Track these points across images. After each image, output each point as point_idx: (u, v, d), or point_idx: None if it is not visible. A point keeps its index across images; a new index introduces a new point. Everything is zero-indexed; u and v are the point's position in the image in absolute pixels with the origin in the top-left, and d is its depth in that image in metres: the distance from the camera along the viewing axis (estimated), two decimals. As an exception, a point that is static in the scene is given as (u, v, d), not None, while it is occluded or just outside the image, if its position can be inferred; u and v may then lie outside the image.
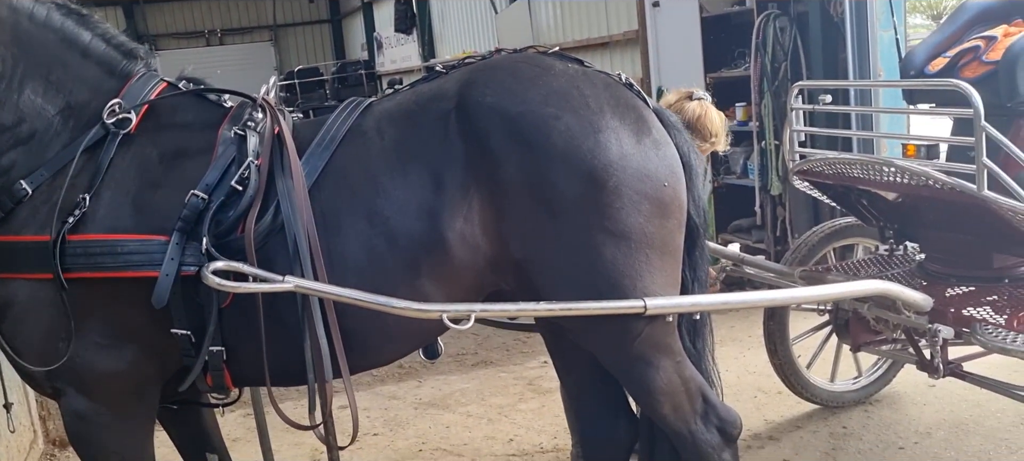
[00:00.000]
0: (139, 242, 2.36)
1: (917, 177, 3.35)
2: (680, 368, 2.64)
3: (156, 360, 2.50)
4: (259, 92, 2.64)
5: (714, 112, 3.64)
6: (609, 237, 2.43)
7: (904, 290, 3.29)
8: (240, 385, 2.65)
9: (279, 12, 24.03)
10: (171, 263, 2.33)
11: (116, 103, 2.48)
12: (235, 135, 2.48)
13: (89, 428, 2.53)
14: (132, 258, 2.35)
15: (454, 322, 2.39)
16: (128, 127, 2.47)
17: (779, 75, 5.96)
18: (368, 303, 2.35)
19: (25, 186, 2.42)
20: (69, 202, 2.37)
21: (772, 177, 6.14)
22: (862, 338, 3.82)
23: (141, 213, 2.40)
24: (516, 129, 2.41)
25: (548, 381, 5.10)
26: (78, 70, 2.53)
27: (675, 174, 2.55)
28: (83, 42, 2.55)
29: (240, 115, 2.54)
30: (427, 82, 2.67)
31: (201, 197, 2.37)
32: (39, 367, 2.48)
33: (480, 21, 14.01)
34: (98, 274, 2.36)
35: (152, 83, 2.58)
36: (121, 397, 2.52)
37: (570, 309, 2.45)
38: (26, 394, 4.54)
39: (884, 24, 5.45)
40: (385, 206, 2.42)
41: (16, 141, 2.46)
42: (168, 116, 2.55)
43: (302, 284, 2.33)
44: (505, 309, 2.51)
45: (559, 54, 2.68)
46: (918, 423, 4.20)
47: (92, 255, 2.35)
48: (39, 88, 2.48)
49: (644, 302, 2.45)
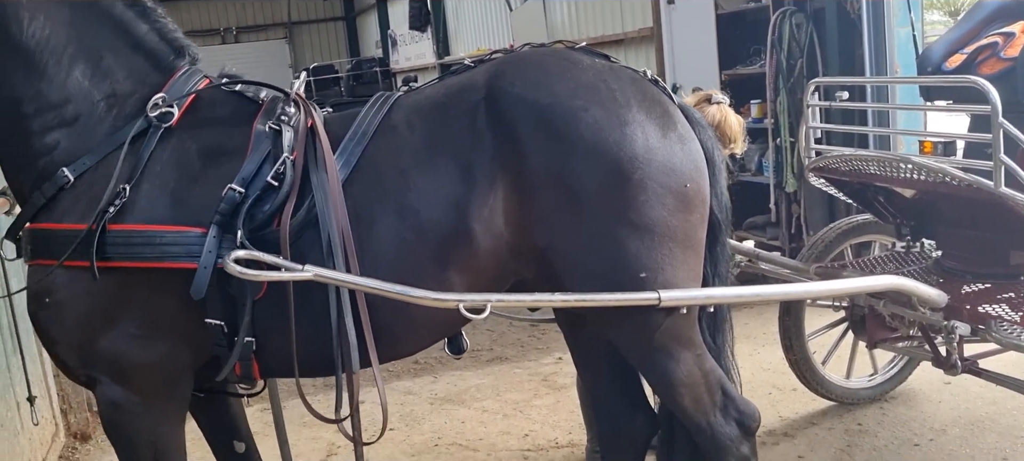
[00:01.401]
0: (177, 234, 2.40)
1: (934, 174, 3.34)
2: (700, 361, 2.67)
3: (189, 349, 2.54)
4: (291, 88, 2.69)
5: (733, 116, 3.66)
6: (632, 229, 2.46)
7: (918, 285, 3.29)
8: (267, 376, 2.69)
9: (294, 10, 24.08)
10: (209, 255, 2.37)
11: (160, 97, 2.53)
12: (270, 130, 2.52)
13: (123, 416, 2.57)
14: (170, 249, 2.40)
15: (472, 312, 2.41)
16: (170, 120, 2.52)
17: (795, 72, 5.95)
18: (386, 292, 2.38)
19: (68, 174, 2.46)
20: (110, 192, 2.42)
21: (787, 174, 6.13)
22: (878, 335, 3.82)
23: (179, 205, 2.44)
24: (544, 120, 2.44)
25: (563, 377, 5.11)
26: (127, 60, 2.58)
27: (699, 169, 2.58)
28: (137, 33, 2.60)
29: (273, 109, 2.58)
30: (455, 75, 2.70)
31: (238, 191, 2.41)
32: (74, 356, 2.53)
33: (495, 18, 14.02)
34: (137, 264, 2.40)
35: (195, 79, 2.64)
36: (155, 386, 2.56)
37: (584, 300, 2.48)
38: (48, 388, 4.60)
39: (901, 20, 5.44)
40: (415, 199, 2.45)
41: (61, 121, 2.51)
42: (207, 111, 2.60)
43: (321, 273, 2.36)
44: (520, 299, 2.53)
45: (586, 49, 2.72)
46: (933, 420, 4.20)
47: (132, 245, 2.40)
48: (87, 71, 2.54)
49: (658, 294, 2.47)
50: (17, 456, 4.01)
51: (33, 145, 2.52)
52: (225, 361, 2.51)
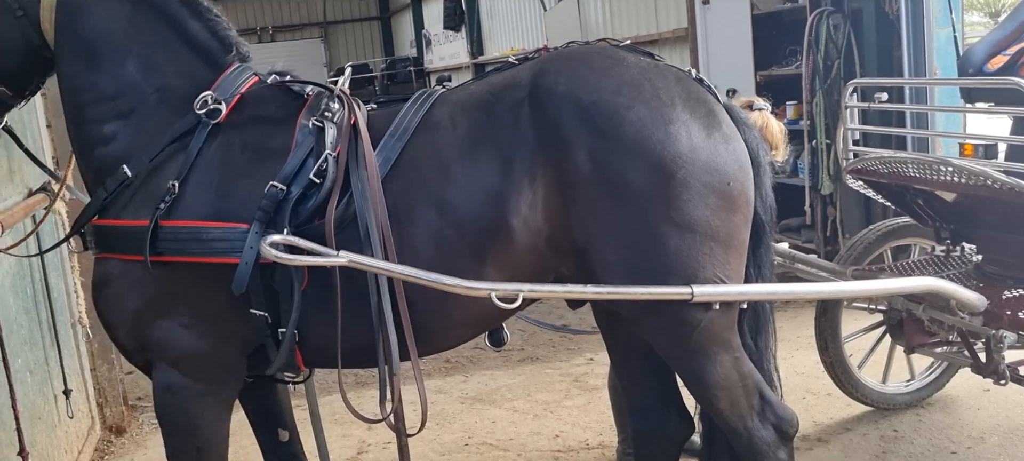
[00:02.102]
0: (222, 230, 2.48)
1: (975, 177, 3.29)
2: (738, 363, 2.64)
3: (237, 338, 2.61)
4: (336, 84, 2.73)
5: (774, 123, 3.63)
6: (674, 228, 2.45)
7: (957, 288, 3.23)
8: (310, 366, 2.77)
9: (329, 9, 24.30)
10: (250, 251, 2.43)
11: (208, 94, 2.59)
12: (313, 126, 2.56)
13: (176, 399, 2.65)
14: (216, 245, 2.47)
15: (504, 301, 2.42)
16: (218, 117, 2.58)
17: (831, 73, 5.89)
18: (420, 280, 2.41)
19: (127, 171, 2.57)
20: (161, 189, 2.52)
21: (823, 176, 6.06)
22: (916, 340, 3.76)
23: (225, 201, 2.52)
24: (588, 117, 2.44)
25: (594, 378, 5.09)
26: (179, 55, 2.67)
27: (743, 169, 2.56)
28: (190, 30, 2.68)
29: (317, 106, 2.62)
30: (499, 72, 2.72)
31: (280, 187, 2.46)
32: (131, 340, 2.65)
33: (529, 18, 14.03)
34: (185, 258, 2.50)
35: (244, 76, 2.70)
36: (208, 372, 2.64)
37: (616, 292, 2.47)
38: (85, 382, 4.67)
39: (941, 21, 5.36)
40: (455, 195, 2.48)
41: (117, 113, 2.63)
42: (253, 108, 2.66)
43: (354, 258, 2.39)
44: (553, 290, 2.53)
45: (630, 47, 2.71)
46: (971, 428, 4.13)
47: (180, 240, 2.49)
48: (140, 65, 2.64)
49: (691, 289, 2.45)
50: (54, 448, 4.07)
51: (91, 133, 2.65)
52: (270, 351, 2.59)
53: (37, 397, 3.95)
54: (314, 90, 2.70)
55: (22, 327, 3.90)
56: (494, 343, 2.79)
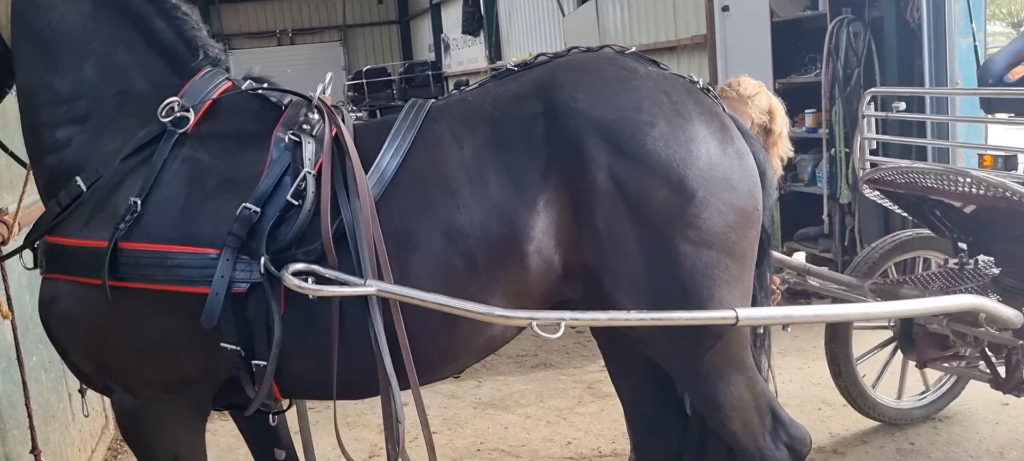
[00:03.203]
0: (190, 255, 2.26)
1: (994, 188, 3.26)
2: (751, 384, 2.60)
3: (204, 368, 2.41)
4: (316, 92, 2.53)
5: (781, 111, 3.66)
6: (692, 246, 2.39)
7: (997, 305, 3.20)
8: (290, 397, 2.58)
9: (349, 13, 24.40)
10: (221, 281, 2.23)
11: (174, 100, 2.38)
12: (289, 141, 2.36)
13: (139, 425, 2.50)
14: (182, 272, 2.26)
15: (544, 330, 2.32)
16: (185, 126, 2.37)
17: (851, 81, 5.85)
18: (456, 309, 2.26)
19: (81, 184, 2.35)
20: (121, 206, 2.30)
21: (841, 185, 6.02)
22: (929, 354, 3.73)
23: (192, 223, 2.30)
24: (610, 135, 2.35)
25: (608, 385, 5.04)
26: (142, 57, 2.46)
27: (756, 184, 2.52)
28: (153, 29, 2.47)
29: (294, 118, 2.42)
30: (498, 81, 2.59)
31: (253, 210, 2.26)
32: (87, 364, 2.45)
33: (547, 23, 14.02)
34: (148, 285, 2.27)
35: (215, 81, 2.48)
36: (170, 399, 2.46)
37: (660, 318, 2.38)
38: (99, 380, 4.69)
39: (963, 30, 5.31)
40: (465, 222, 2.32)
41: (72, 117, 2.41)
42: (226, 118, 2.45)
43: (385, 288, 2.24)
44: (595, 318, 2.42)
45: (635, 55, 2.61)
46: (990, 442, 4.07)
47: (143, 266, 2.26)
48: (99, 66, 2.43)
49: (736, 313, 2.40)
50: (68, 446, 4.09)
51: (44, 138, 2.44)
52: (245, 385, 2.39)
53: (51, 395, 3.97)
54: (292, 99, 2.49)
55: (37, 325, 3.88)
56: None
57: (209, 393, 2.51)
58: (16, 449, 3.49)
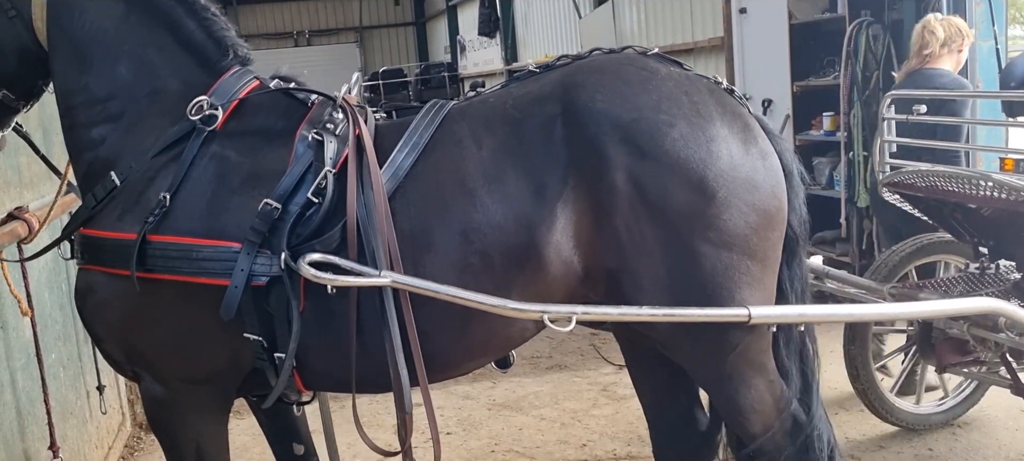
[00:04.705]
0: (213, 248, 2.34)
1: (1015, 192, 3.23)
2: (772, 387, 2.58)
3: (228, 359, 2.48)
4: (341, 91, 2.59)
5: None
6: (712, 247, 2.37)
7: (1017, 310, 3.16)
8: (312, 389, 2.63)
9: (365, 14, 24.45)
10: (241, 274, 2.30)
11: (203, 99, 2.45)
12: (313, 139, 2.41)
13: (165, 413, 2.57)
14: (206, 265, 2.33)
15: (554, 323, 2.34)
16: (214, 124, 2.43)
17: (870, 84, 5.81)
18: (468, 301, 2.28)
19: (115, 179, 2.43)
20: (151, 200, 2.38)
21: (859, 189, 5.97)
22: (948, 359, 3.70)
23: (218, 217, 2.37)
24: (629, 136, 2.35)
25: (623, 388, 5.06)
26: (173, 57, 2.52)
27: (780, 185, 2.50)
28: (184, 30, 2.53)
29: (319, 117, 2.48)
30: (519, 83, 2.59)
31: (274, 206, 2.32)
32: (119, 352, 2.54)
33: (563, 25, 14.01)
34: (174, 277, 2.36)
35: (244, 80, 2.55)
36: (196, 388, 2.53)
37: (673, 314, 2.38)
38: (117, 378, 4.71)
39: (984, 34, 5.26)
40: (483, 221, 2.33)
41: (106, 116, 2.49)
42: (252, 116, 2.51)
43: (399, 279, 2.28)
44: (607, 312, 2.42)
45: (658, 56, 2.60)
46: (1009, 449, 4.03)
47: (169, 258, 2.34)
48: (132, 66, 2.50)
49: (749, 311, 2.39)
50: (86, 443, 4.11)
51: (81, 137, 2.53)
52: (268, 375, 2.45)
53: (69, 392, 4.00)
54: (318, 98, 2.54)
55: (57, 323, 3.95)
56: (501, 366, 2.71)
57: (233, 384, 2.57)
58: (34, 445, 3.52)
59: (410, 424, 2.46)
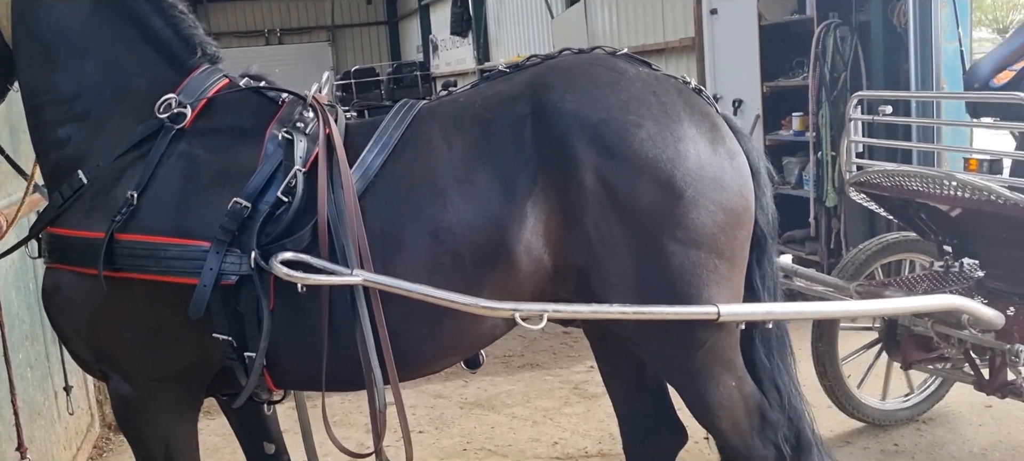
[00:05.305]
0: (181, 247, 2.33)
1: (979, 192, 3.29)
2: (741, 383, 2.61)
3: (197, 358, 2.47)
4: (311, 90, 2.58)
5: None
6: (680, 245, 2.40)
7: (979, 307, 3.22)
8: (283, 388, 2.62)
9: (337, 13, 24.33)
10: (210, 273, 2.29)
11: (172, 97, 2.44)
12: (283, 138, 2.41)
13: (133, 413, 2.56)
14: (174, 264, 2.33)
15: (526, 321, 2.35)
16: (182, 122, 2.43)
17: (838, 85, 5.89)
18: (439, 300, 2.29)
19: (82, 177, 2.42)
20: (119, 198, 2.36)
21: (828, 188, 6.06)
22: (913, 356, 3.75)
23: (186, 216, 2.36)
24: (597, 136, 2.36)
25: (594, 386, 5.08)
26: (140, 55, 2.51)
27: (747, 184, 2.53)
28: (151, 28, 2.52)
29: (289, 116, 2.47)
30: (489, 82, 2.61)
31: (243, 205, 2.31)
32: (86, 351, 2.52)
33: (536, 25, 14.04)
34: (141, 275, 2.34)
35: (213, 78, 2.54)
36: (165, 387, 2.52)
37: (643, 313, 2.40)
38: (85, 379, 4.67)
39: (949, 35, 5.35)
40: (452, 221, 2.34)
41: (73, 115, 2.47)
42: (222, 114, 2.50)
43: (371, 278, 2.29)
44: (577, 310, 2.45)
45: (627, 56, 2.62)
46: (973, 443, 4.11)
47: (137, 257, 2.33)
48: (99, 64, 2.49)
49: (718, 308, 2.41)
50: (53, 444, 4.07)
51: (47, 136, 2.51)
52: (238, 374, 2.44)
53: (37, 393, 3.95)
54: (288, 97, 2.54)
55: (24, 322, 3.90)
56: (470, 366, 2.71)
57: (203, 383, 2.56)
58: (2, 446, 3.48)
59: (383, 422, 2.45)
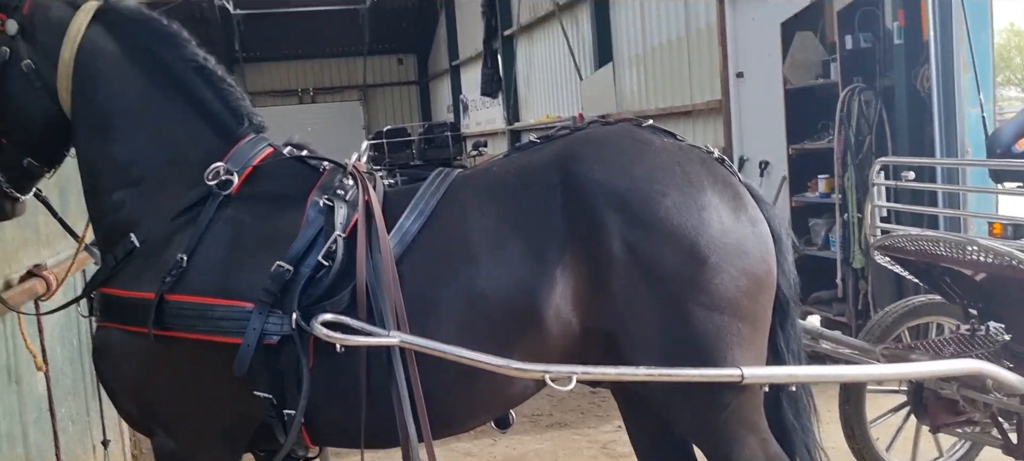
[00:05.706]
0: (227, 308, 2.44)
1: (1002, 257, 3.31)
2: (765, 445, 2.64)
3: (239, 416, 2.57)
4: (351, 157, 2.71)
5: None
6: (704, 310, 2.47)
7: (1002, 371, 3.23)
8: (319, 444, 2.70)
9: (369, 73, 24.76)
10: (253, 333, 2.40)
11: (220, 165, 2.57)
12: (324, 205, 2.53)
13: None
14: (220, 324, 2.44)
15: (555, 382, 2.42)
16: (229, 189, 2.56)
17: (863, 148, 5.93)
18: (473, 361, 2.37)
19: (134, 240, 2.56)
20: (169, 261, 2.49)
21: (854, 250, 6.07)
22: (941, 419, 3.75)
23: (233, 278, 2.47)
24: (624, 204, 2.46)
25: (622, 445, 5.09)
26: (191, 125, 2.65)
27: (769, 250, 2.60)
28: (202, 99, 2.66)
29: (330, 183, 2.59)
30: (521, 153, 2.73)
31: (286, 268, 2.42)
32: (133, 407, 2.65)
33: (565, 86, 14.22)
34: (189, 335, 2.46)
35: (258, 147, 2.67)
36: (207, 444, 2.62)
37: (668, 375, 2.46)
38: (122, 433, 4.78)
39: (973, 100, 5.40)
40: (485, 286, 2.45)
41: (127, 181, 2.62)
42: (266, 181, 2.63)
43: (407, 339, 2.37)
44: (605, 372, 2.51)
45: (653, 127, 2.73)
46: (1003, 509, 4.07)
47: (185, 317, 2.45)
48: (153, 134, 2.64)
49: (741, 371, 2.47)
50: (91, 497, 4.16)
51: (102, 201, 2.65)
52: (277, 432, 2.52)
53: (77, 446, 4.06)
54: (329, 165, 2.66)
55: (67, 377, 4.02)
56: (500, 425, 2.78)
57: (243, 440, 2.66)
58: (44, 498, 3.57)
59: None
